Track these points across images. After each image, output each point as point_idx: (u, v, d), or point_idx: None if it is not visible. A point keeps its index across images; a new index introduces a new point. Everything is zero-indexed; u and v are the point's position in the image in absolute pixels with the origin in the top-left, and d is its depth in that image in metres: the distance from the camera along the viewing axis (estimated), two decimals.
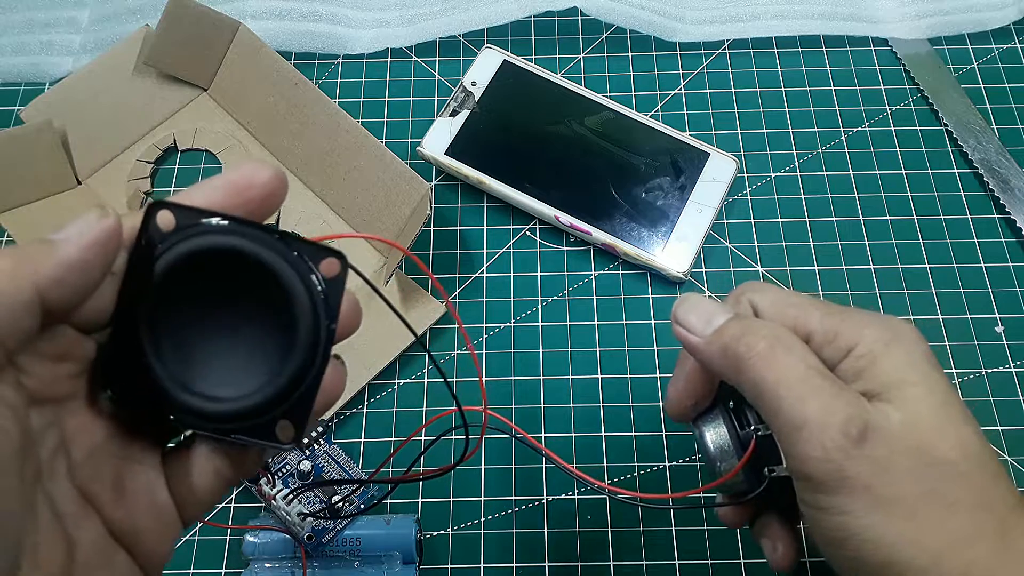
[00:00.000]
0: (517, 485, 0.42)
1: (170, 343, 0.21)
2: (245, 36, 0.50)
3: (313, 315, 0.22)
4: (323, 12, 0.54)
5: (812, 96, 0.53)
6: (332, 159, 0.48)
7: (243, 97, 0.51)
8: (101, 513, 0.21)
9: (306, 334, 0.22)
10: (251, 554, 0.39)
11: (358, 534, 0.39)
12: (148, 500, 0.22)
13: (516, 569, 0.40)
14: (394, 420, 0.44)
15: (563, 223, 0.47)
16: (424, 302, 0.45)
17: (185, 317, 0.22)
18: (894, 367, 0.25)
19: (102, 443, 0.21)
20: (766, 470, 0.27)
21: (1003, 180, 0.49)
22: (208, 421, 0.22)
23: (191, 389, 0.21)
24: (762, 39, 0.54)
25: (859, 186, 0.50)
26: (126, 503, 0.21)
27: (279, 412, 0.22)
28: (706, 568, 0.40)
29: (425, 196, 0.44)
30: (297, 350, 0.22)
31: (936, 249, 0.48)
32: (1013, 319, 0.46)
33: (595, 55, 0.54)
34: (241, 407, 0.22)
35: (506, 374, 0.45)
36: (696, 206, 0.47)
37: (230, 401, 0.22)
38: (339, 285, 0.22)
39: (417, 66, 0.54)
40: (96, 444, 0.21)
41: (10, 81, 0.54)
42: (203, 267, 0.21)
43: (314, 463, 0.41)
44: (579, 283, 0.47)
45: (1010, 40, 0.54)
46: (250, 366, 0.22)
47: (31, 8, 0.55)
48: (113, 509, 0.21)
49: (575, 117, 0.50)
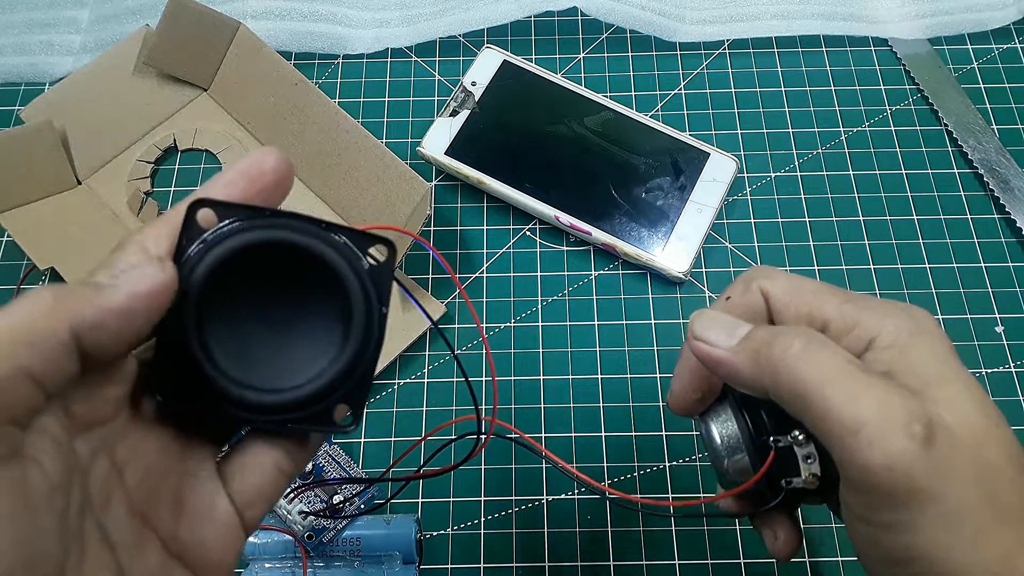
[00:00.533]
0: (517, 485, 0.42)
1: (221, 339, 0.21)
2: (245, 36, 0.50)
3: (365, 300, 0.22)
4: (323, 12, 0.54)
5: (812, 96, 0.53)
6: (332, 159, 0.48)
7: (243, 97, 0.51)
8: (160, 533, 0.21)
9: (360, 319, 0.22)
10: (251, 554, 0.39)
11: (358, 534, 0.39)
12: (209, 512, 0.21)
13: (516, 569, 0.40)
14: (394, 420, 0.44)
15: (563, 223, 0.47)
16: (425, 301, 0.45)
17: (235, 313, 0.22)
18: (925, 362, 0.23)
19: (156, 461, 0.21)
20: (783, 482, 0.25)
21: (1003, 180, 0.49)
22: (265, 413, 0.22)
23: (245, 383, 0.21)
24: (762, 39, 0.54)
25: (859, 186, 0.50)
26: (187, 519, 0.21)
27: (337, 397, 0.22)
28: (706, 568, 0.40)
29: (425, 196, 0.44)
30: (353, 335, 0.22)
31: (936, 249, 0.48)
32: (1013, 319, 0.46)
33: (595, 55, 0.54)
34: (300, 395, 0.22)
35: (506, 374, 0.45)
36: (696, 206, 0.47)
37: (289, 391, 0.22)
38: (388, 269, 0.23)
39: (417, 66, 0.54)
40: (150, 463, 0.21)
41: (10, 81, 0.54)
42: (250, 261, 0.22)
43: (314, 463, 0.41)
44: (579, 283, 0.47)
45: (1010, 40, 0.54)
46: (305, 355, 0.22)
47: (31, 8, 0.55)
48: (174, 527, 0.21)
49: (575, 117, 0.50)
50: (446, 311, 0.46)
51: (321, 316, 0.22)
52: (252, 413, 0.21)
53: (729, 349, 0.24)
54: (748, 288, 0.26)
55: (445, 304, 0.46)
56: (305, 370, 0.22)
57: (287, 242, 0.22)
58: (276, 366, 0.22)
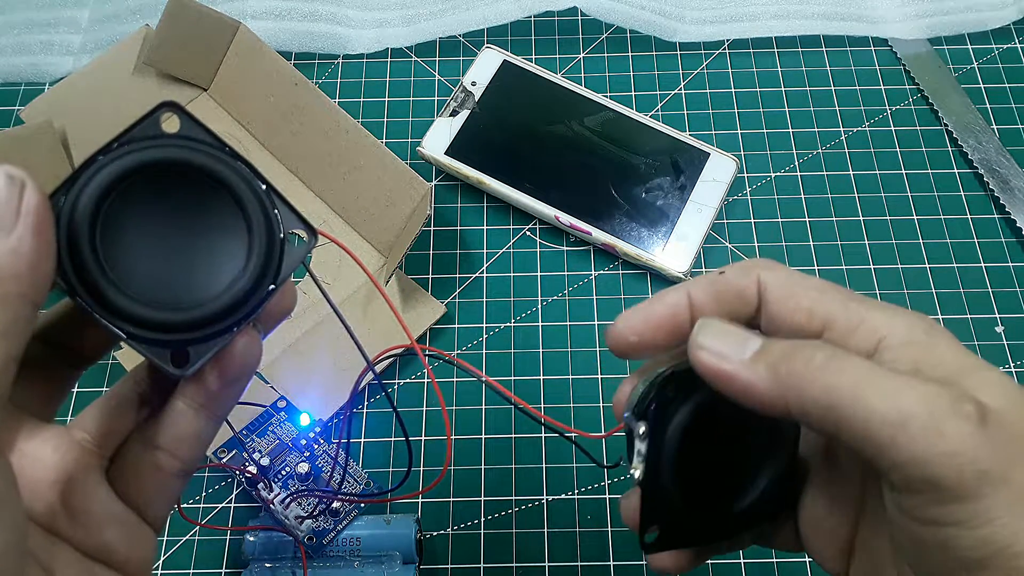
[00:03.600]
0: (517, 485, 0.42)
1: (115, 255, 0.21)
2: (245, 36, 0.50)
3: (267, 225, 0.22)
4: (323, 12, 0.54)
5: (812, 96, 0.53)
6: (332, 159, 0.48)
7: (243, 97, 0.51)
8: (67, 540, 0.21)
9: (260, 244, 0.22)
10: (251, 554, 0.39)
11: (358, 534, 0.39)
12: (101, 515, 0.22)
13: (516, 569, 0.40)
14: (394, 420, 0.44)
15: (563, 223, 0.47)
16: (424, 302, 0.45)
17: (133, 233, 0.21)
18: (950, 355, 0.21)
19: (38, 477, 0.21)
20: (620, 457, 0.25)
21: (1003, 180, 0.49)
22: (146, 329, 0.21)
23: (133, 296, 0.21)
24: (762, 39, 0.54)
25: (859, 186, 0.50)
26: (84, 526, 0.21)
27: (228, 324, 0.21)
28: (706, 568, 0.40)
29: (425, 196, 0.44)
30: (253, 258, 0.22)
31: (936, 249, 0.48)
32: (1013, 319, 0.46)
33: (595, 55, 0.54)
34: (188, 317, 0.21)
35: (506, 374, 0.45)
36: (696, 206, 0.47)
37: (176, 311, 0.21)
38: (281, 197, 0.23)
39: (417, 66, 0.54)
40: (33, 479, 0.21)
41: (10, 81, 0.54)
42: (149, 182, 0.21)
43: (312, 463, 0.41)
44: (579, 283, 0.47)
45: (1010, 40, 0.54)
46: (202, 279, 0.22)
47: (31, 8, 0.55)
48: (73, 532, 0.21)
49: (575, 117, 0.50)
50: (446, 311, 0.46)
51: (223, 240, 0.22)
52: (132, 326, 0.21)
53: (742, 363, 0.22)
54: (746, 273, 0.24)
55: (445, 304, 0.46)
56: (203, 292, 0.21)
57: (183, 161, 0.21)
58: (171, 287, 0.21)
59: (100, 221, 0.21)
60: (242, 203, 0.22)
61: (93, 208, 0.21)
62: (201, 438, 0.23)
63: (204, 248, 0.22)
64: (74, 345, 0.24)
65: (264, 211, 0.22)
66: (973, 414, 0.19)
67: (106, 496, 0.22)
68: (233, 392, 0.23)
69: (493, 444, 0.43)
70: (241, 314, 0.22)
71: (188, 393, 0.23)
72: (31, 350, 0.22)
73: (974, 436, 0.19)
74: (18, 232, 0.18)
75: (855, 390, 0.20)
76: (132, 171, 0.21)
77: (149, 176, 0.21)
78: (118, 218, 0.21)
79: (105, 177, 0.21)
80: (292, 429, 0.41)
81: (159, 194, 0.22)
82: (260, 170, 0.22)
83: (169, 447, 0.23)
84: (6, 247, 0.18)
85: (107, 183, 0.21)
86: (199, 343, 0.21)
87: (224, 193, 0.22)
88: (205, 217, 0.22)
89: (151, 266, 0.21)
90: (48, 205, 0.19)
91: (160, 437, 0.23)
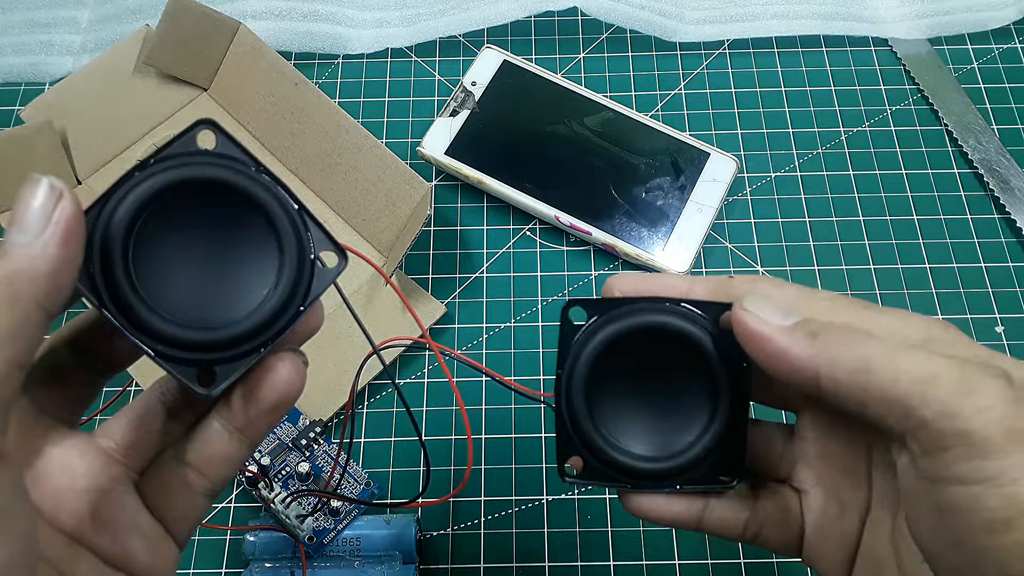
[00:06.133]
0: (517, 485, 0.42)
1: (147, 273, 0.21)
2: (245, 36, 0.50)
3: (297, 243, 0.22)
4: (323, 12, 0.54)
5: (812, 96, 0.53)
6: (332, 159, 0.48)
7: (243, 97, 0.51)
8: (93, 549, 0.21)
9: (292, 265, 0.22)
10: (251, 554, 0.39)
11: (358, 534, 0.39)
12: (129, 525, 0.22)
13: (516, 569, 0.40)
14: (394, 420, 0.44)
15: (563, 223, 0.47)
16: (424, 302, 0.45)
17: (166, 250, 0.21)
18: (968, 350, 0.22)
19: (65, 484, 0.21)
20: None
21: (1003, 180, 0.49)
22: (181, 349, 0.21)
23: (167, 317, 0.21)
24: (762, 39, 0.54)
25: (859, 186, 0.50)
26: (109, 533, 0.22)
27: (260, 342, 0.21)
28: (706, 568, 0.40)
29: (425, 196, 0.44)
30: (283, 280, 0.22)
31: (936, 249, 0.48)
32: (1013, 319, 0.46)
33: (595, 55, 0.54)
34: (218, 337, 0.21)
35: (506, 374, 0.45)
36: (696, 206, 0.47)
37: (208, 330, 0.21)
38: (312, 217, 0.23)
39: (417, 66, 0.54)
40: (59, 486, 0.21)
41: (10, 81, 0.54)
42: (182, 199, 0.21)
43: (313, 463, 0.41)
44: (579, 283, 0.47)
45: (1010, 40, 0.54)
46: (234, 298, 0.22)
47: (31, 8, 0.55)
48: (98, 540, 0.21)
49: (575, 117, 0.50)
50: (446, 311, 0.46)
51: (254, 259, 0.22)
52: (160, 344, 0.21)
53: (781, 328, 0.23)
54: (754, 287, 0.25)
55: (445, 304, 0.46)
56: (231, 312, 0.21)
57: (217, 179, 0.21)
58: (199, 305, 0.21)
59: (133, 237, 0.21)
60: (274, 223, 0.22)
61: (127, 224, 0.21)
62: (233, 461, 0.23)
63: (234, 266, 0.22)
64: (102, 352, 0.24)
65: (296, 232, 0.22)
66: (1003, 375, 0.20)
67: (134, 506, 0.22)
68: (272, 419, 0.23)
69: (493, 444, 0.43)
70: (269, 335, 0.21)
71: (225, 415, 0.23)
72: (60, 356, 0.23)
73: (1004, 392, 0.19)
74: (44, 239, 0.18)
75: (889, 355, 0.21)
76: (167, 188, 0.21)
77: (184, 193, 0.21)
78: (151, 234, 0.21)
79: (141, 193, 0.21)
80: (292, 429, 0.41)
81: (192, 211, 0.22)
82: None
83: (199, 466, 0.23)
84: (29, 251, 0.18)
85: (142, 199, 0.21)
86: (226, 363, 0.21)
87: (257, 212, 0.22)
88: (237, 235, 0.22)
89: (181, 283, 0.21)
90: (82, 220, 0.19)
91: (191, 455, 0.23)
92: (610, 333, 0.25)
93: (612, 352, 0.25)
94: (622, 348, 0.25)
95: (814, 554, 0.26)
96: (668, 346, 0.25)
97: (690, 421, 0.25)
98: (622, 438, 0.26)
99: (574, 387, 0.25)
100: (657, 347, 0.25)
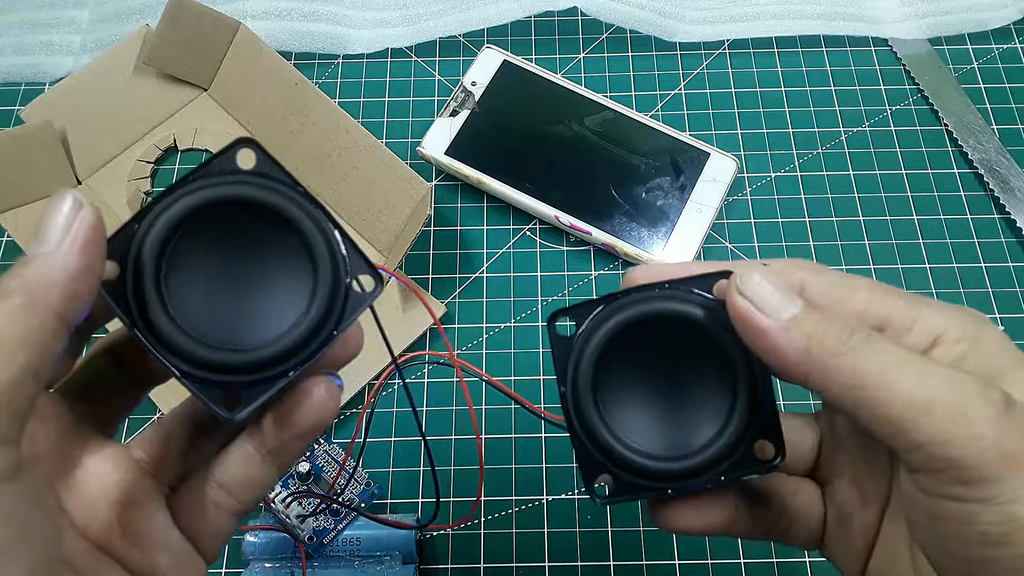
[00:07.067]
0: (517, 485, 0.42)
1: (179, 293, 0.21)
2: (245, 36, 0.50)
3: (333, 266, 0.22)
4: (323, 12, 0.54)
5: (812, 96, 0.53)
6: (332, 159, 0.48)
7: (243, 97, 0.51)
8: (119, 559, 0.21)
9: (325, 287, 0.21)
10: (251, 554, 0.39)
11: (358, 534, 0.39)
12: (158, 539, 0.22)
13: (516, 569, 0.40)
14: (394, 420, 0.44)
15: (563, 223, 0.47)
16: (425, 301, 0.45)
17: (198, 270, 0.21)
18: (996, 354, 0.22)
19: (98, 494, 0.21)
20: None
21: (1003, 180, 0.49)
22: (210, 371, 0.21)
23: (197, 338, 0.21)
24: (762, 39, 0.54)
25: (859, 186, 0.50)
26: (139, 547, 0.22)
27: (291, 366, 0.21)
28: (706, 568, 0.40)
29: (425, 196, 0.44)
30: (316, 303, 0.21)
31: (936, 249, 0.48)
32: (1013, 319, 0.46)
33: (595, 55, 0.54)
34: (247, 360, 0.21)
35: (506, 374, 0.45)
36: (696, 206, 0.47)
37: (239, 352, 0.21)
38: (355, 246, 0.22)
39: (417, 66, 0.54)
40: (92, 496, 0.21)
41: (10, 81, 0.54)
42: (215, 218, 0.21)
43: (313, 463, 0.41)
44: (579, 283, 0.47)
45: (1010, 40, 0.54)
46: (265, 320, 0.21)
47: (31, 8, 0.55)
48: (127, 552, 0.21)
49: (575, 117, 0.50)
50: (447, 311, 0.46)
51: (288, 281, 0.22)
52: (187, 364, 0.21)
53: (777, 323, 0.21)
54: (791, 272, 0.24)
55: (445, 304, 0.46)
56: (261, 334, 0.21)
57: (254, 199, 0.21)
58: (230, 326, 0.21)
59: (167, 255, 0.21)
60: (310, 245, 0.21)
61: (161, 241, 0.21)
62: (263, 485, 0.23)
63: (267, 288, 0.22)
64: (142, 364, 0.24)
65: (332, 255, 0.22)
66: (999, 401, 0.19)
67: (164, 521, 0.22)
68: (303, 444, 0.23)
69: (493, 444, 0.43)
70: (297, 359, 0.21)
71: (256, 437, 0.23)
72: (101, 366, 0.23)
73: (999, 420, 0.19)
74: (63, 248, 0.19)
75: (884, 374, 0.20)
76: (203, 207, 0.21)
77: (220, 212, 0.21)
78: (185, 252, 0.21)
79: (176, 212, 0.21)
80: None
81: (228, 230, 0.21)
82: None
83: (229, 487, 0.23)
84: (47, 260, 0.19)
85: (177, 218, 0.21)
86: (253, 387, 0.21)
87: (293, 233, 0.21)
88: (272, 256, 0.22)
89: (212, 303, 0.21)
90: (102, 230, 0.19)
91: (222, 476, 0.23)
92: (604, 336, 0.23)
93: (611, 355, 0.24)
94: (621, 348, 0.24)
95: (835, 546, 0.25)
96: (668, 333, 0.23)
97: (710, 407, 0.23)
98: (644, 443, 0.24)
99: (582, 402, 0.24)
100: (657, 337, 0.24)
